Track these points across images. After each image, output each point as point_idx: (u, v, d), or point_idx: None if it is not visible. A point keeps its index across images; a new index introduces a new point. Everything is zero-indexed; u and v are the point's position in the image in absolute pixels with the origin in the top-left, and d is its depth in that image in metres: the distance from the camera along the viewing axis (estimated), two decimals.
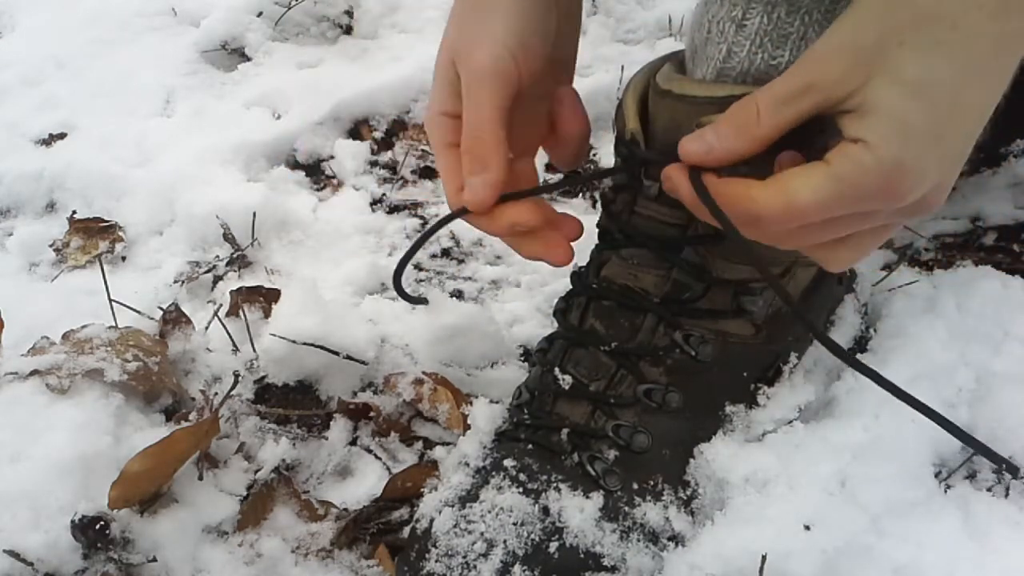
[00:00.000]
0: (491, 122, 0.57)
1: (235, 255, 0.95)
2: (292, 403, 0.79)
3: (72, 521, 0.64)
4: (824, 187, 0.48)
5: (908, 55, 0.46)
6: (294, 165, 1.11)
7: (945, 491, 0.65)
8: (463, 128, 0.58)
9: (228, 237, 0.97)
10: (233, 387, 0.73)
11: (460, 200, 0.59)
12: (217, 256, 0.96)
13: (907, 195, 0.49)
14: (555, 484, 0.62)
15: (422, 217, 1.02)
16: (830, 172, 0.48)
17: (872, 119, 0.47)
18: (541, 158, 0.67)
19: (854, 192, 0.48)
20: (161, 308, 0.85)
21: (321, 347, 0.78)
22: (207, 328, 0.84)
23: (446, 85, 0.60)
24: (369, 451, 0.75)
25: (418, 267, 0.95)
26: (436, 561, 0.60)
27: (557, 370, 0.66)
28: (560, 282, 0.89)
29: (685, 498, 0.65)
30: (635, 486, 0.63)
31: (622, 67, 1.12)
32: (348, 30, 1.33)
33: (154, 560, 0.65)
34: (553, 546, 0.60)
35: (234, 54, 1.29)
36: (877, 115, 0.47)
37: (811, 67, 0.49)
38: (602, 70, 1.15)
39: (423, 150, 1.11)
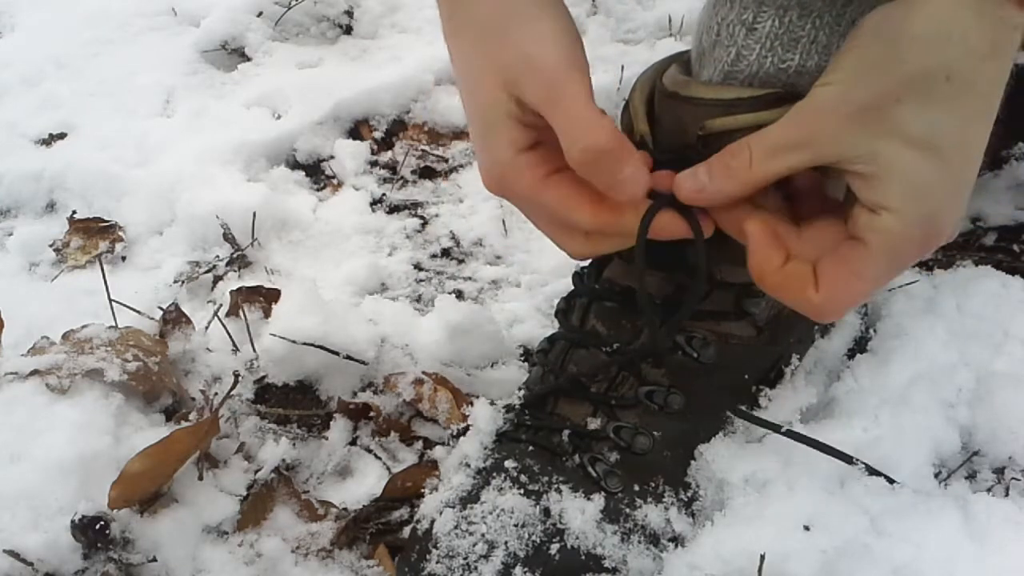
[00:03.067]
0: (598, 112, 0.51)
1: (235, 255, 0.95)
2: (292, 403, 0.79)
3: (72, 521, 0.64)
4: (870, 267, 0.50)
5: (909, 114, 0.47)
6: (294, 165, 1.10)
7: (945, 491, 0.65)
8: (570, 134, 0.51)
9: (228, 237, 0.97)
10: (233, 387, 0.73)
11: (612, 218, 0.54)
12: (217, 256, 0.96)
13: (942, 239, 0.50)
14: (556, 485, 0.62)
15: (422, 217, 1.02)
16: (869, 252, 0.50)
17: (889, 184, 0.48)
18: None
19: (899, 259, 0.51)
20: (161, 308, 0.85)
21: (321, 347, 0.78)
22: (207, 328, 0.84)
23: (506, 120, 0.54)
24: (369, 451, 0.75)
25: (418, 267, 0.95)
26: (437, 562, 0.60)
27: (558, 371, 0.66)
28: (560, 282, 0.89)
29: (686, 499, 0.65)
30: (636, 487, 0.63)
31: (622, 67, 1.12)
32: (348, 30, 1.33)
33: (154, 560, 0.65)
34: (554, 548, 0.60)
35: (234, 54, 1.29)
36: (892, 180, 0.48)
37: (805, 123, 0.50)
38: (602, 70, 1.15)
39: (423, 150, 1.11)
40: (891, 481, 0.63)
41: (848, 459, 0.63)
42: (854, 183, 0.50)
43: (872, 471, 0.63)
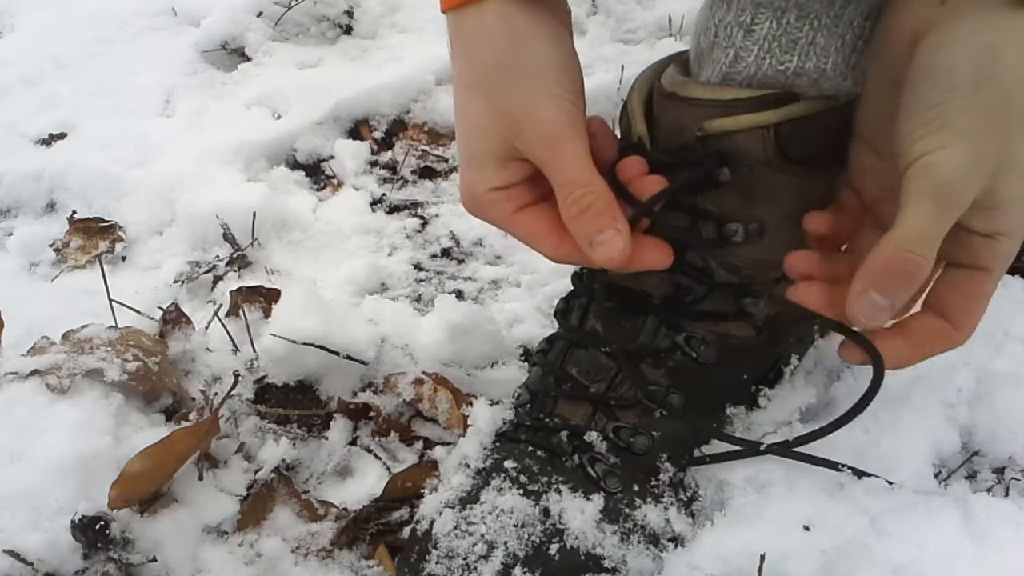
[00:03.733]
0: (593, 171, 0.54)
1: (235, 255, 0.95)
2: (292, 403, 0.79)
3: (72, 521, 0.64)
4: (992, 290, 0.53)
5: (1020, 149, 0.49)
6: (294, 165, 1.11)
7: (945, 491, 0.65)
8: (564, 189, 0.54)
9: (228, 237, 0.97)
10: (233, 387, 0.73)
11: (574, 252, 0.56)
12: (217, 256, 0.96)
13: None
14: (556, 486, 0.62)
15: (422, 217, 1.02)
16: (994, 279, 0.53)
17: (1008, 214, 0.50)
18: None
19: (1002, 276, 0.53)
20: (161, 308, 0.85)
21: (321, 347, 0.78)
22: (207, 328, 0.84)
23: (491, 161, 0.56)
24: (369, 451, 0.75)
25: (418, 267, 0.95)
26: (437, 563, 0.60)
27: (557, 371, 0.66)
28: (560, 282, 0.89)
29: (685, 499, 0.65)
30: (635, 488, 0.63)
31: (622, 67, 1.12)
32: (348, 30, 1.33)
33: (154, 560, 0.65)
34: (554, 548, 0.60)
35: (234, 54, 1.29)
36: (1010, 207, 0.50)
37: (954, 200, 0.48)
38: (602, 70, 1.15)
39: (423, 150, 1.11)
40: (888, 483, 0.63)
41: (834, 466, 0.62)
42: (970, 216, 0.50)
43: (860, 474, 0.62)
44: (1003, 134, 0.48)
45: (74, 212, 1.03)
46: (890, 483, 0.63)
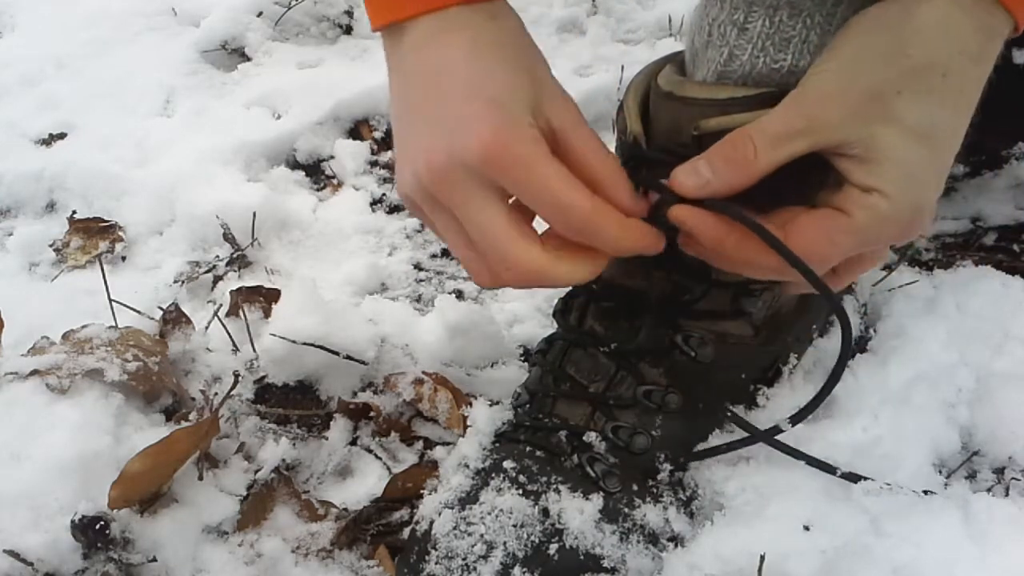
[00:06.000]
0: (576, 186, 0.50)
1: (235, 255, 0.95)
2: (292, 403, 0.79)
3: (72, 521, 0.64)
4: (847, 238, 0.52)
5: (908, 104, 0.49)
6: (294, 165, 1.11)
7: (945, 491, 0.65)
8: (549, 212, 0.51)
9: (228, 237, 0.97)
10: (233, 387, 0.73)
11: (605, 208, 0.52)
12: (217, 256, 0.96)
13: (923, 228, 0.53)
14: (555, 486, 0.62)
15: None
16: (852, 225, 0.51)
17: (883, 167, 0.50)
18: None
19: (875, 238, 0.52)
20: (161, 308, 0.85)
21: (321, 347, 0.78)
22: (207, 328, 0.84)
23: (521, 102, 0.51)
24: (369, 451, 0.75)
25: (418, 267, 0.95)
26: (436, 563, 0.60)
27: (556, 371, 0.66)
28: None
29: (684, 499, 0.65)
30: (634, 487, 0.63)
31: (622, 67, 1.12)
32: (348, 30, 1.33)
33: (154, 560, 0.65)
34: (553, 548, 0.60)
35: (234, 54, 1.29)
36: (888, 163, 0.50)
37: (808, 110, 0.51)
38: (602, 70, 1.15)
39: None
40: (886, 485, 0.63)
41: (830, 469, 0.62)
42: (847, 166, 0.51)
43: (855, 478, 0.62)
44: (890, 79, 0.49)
45: (74, 212, 1.03)
46: (887, 485, 0.63)
